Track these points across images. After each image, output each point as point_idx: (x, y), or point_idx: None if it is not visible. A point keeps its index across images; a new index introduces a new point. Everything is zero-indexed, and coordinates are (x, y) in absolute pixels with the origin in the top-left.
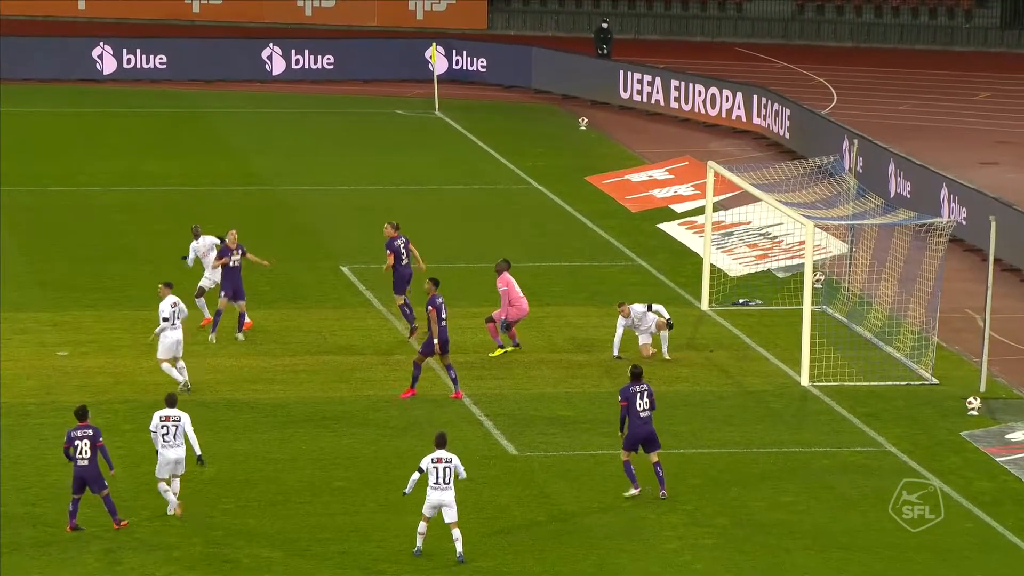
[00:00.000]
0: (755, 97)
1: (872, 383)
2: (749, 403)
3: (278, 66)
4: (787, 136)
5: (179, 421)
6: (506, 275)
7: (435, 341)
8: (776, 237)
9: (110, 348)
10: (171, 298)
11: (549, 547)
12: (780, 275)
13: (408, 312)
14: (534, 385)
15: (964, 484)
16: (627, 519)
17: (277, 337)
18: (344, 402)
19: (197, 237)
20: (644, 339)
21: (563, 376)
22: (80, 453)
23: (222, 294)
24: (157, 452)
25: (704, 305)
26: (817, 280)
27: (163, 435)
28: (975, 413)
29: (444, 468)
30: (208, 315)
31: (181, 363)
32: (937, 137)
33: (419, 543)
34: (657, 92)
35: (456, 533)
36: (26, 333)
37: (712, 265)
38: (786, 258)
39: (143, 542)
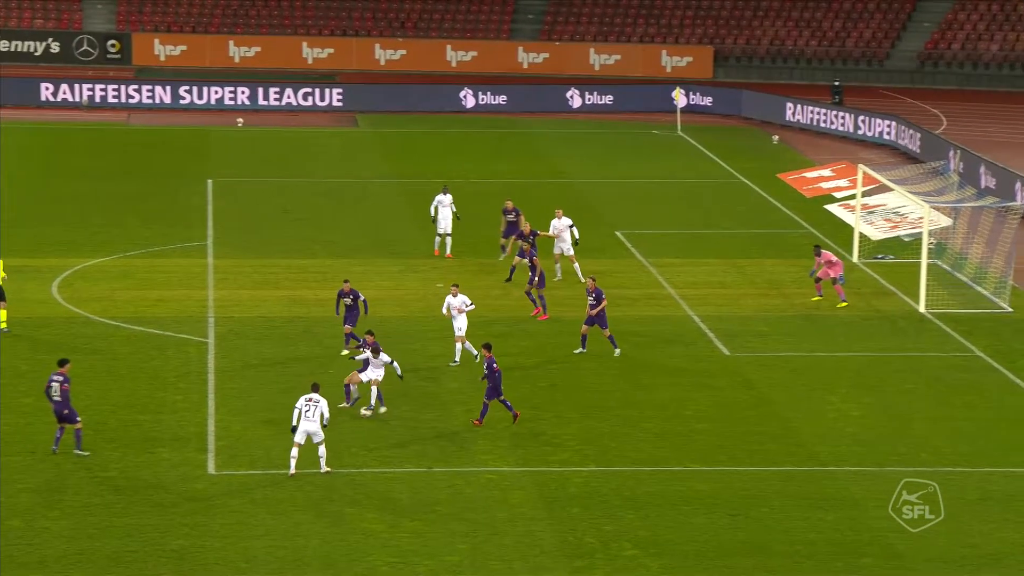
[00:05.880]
0: (891, 122)
1: (967, 310)
2: (884, 323)
3: (576, 102)
4: (912, 148)
5: (318, 403)
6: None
7: (535, 278)
8: (903, 214)
9: (467, 282)
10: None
11: (748, 415)
12: (906, 239)
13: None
14: (740, 309)
15: None
16: (800, 396)
17: (576, 278)
18: (615, 320)
19: (445, 193)
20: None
21: (761, 304)
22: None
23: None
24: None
25: (855, 258)
26: (931, 242)
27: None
28: None
29: None
30: (449, 251)
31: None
32: (1013, 148)
33: None
34: (825, 119)
35: None
36: (416, 272)
37: (860, 232)
38: (910, 228)
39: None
